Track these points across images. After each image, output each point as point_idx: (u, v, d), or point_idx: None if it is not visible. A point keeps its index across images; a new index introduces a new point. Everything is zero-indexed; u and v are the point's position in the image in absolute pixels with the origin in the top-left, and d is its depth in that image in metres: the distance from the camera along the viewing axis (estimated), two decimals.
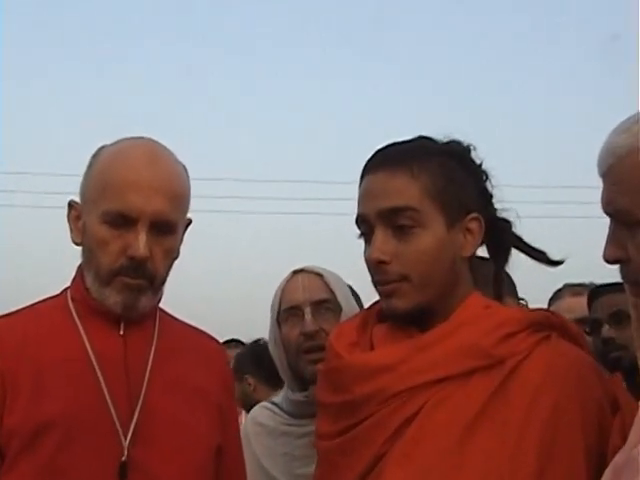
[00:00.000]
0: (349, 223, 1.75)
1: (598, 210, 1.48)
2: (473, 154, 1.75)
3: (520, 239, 1.78)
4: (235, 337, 4.89)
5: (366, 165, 1.71)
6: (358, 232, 1.71)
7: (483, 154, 1.77)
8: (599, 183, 1.48)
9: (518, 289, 2.57)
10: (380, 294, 1.69)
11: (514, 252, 1.79)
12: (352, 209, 1.73)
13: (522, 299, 2.60)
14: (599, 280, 2.93)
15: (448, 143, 1.74)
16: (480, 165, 1.75)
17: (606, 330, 2.72)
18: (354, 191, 1.73)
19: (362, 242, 1.72)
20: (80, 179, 1.82)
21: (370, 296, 1.80)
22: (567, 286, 3.40)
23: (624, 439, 1.47)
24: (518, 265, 1.82)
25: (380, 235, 1.64)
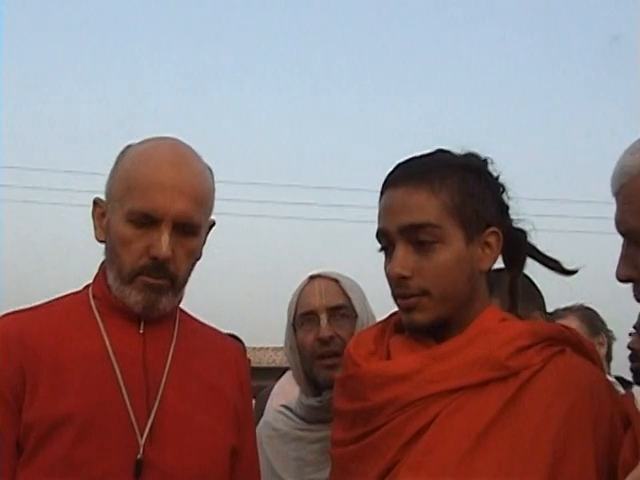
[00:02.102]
0: (367, 230, 1.76)
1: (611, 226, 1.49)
2: (490, 167, 1.76)
3: (535, 248, 1.80)
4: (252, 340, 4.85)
5: (387, 179, 1.73)
6: (379, 245, 1.72)
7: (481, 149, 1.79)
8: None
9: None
10: (400, 308, 1.71)
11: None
12: (370, 217, 1.74)
13: (550, 314, 2.59)
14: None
15: (466, 156, 1.75)
16: (497, 178, 1.76)
17: (633, 341, 2.72)
18: (372, 199, 1.74)
19: (378, 246, 1.73)
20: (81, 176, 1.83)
21: (387, 303, 1.81)
22: (559, 311, 3.45)
23: (635, 454, 1.47)
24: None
25: (401, 250, 1.66)
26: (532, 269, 1.84)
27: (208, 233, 1.86)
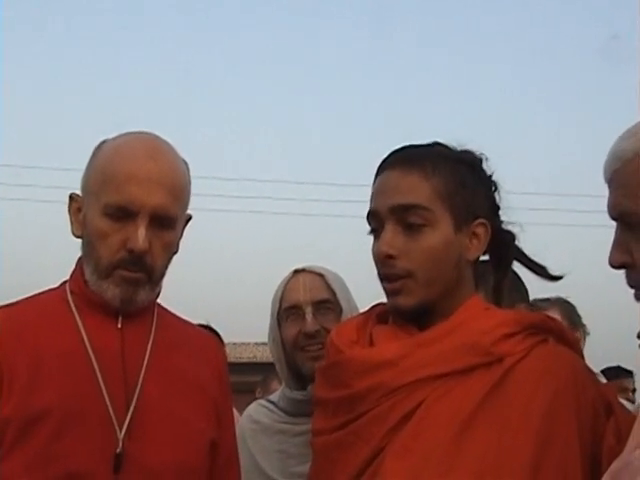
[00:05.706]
0: (350, 225, 1.76)
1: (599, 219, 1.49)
2: (485, 164, 1.78)
3: (522, 252, 1.82)
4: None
5: (381, 163, 1.74)
6: (368, 228, 1.73)
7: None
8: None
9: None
10: (386, 291, 1.71)
11: None
12: (354, 211, 1.74)
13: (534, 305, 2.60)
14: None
15: (462, 151, 1.77)
16: (490, 176, 1.78)
17: None
18: (357, 193, 1.74)
19: (365, 244, 1.74)
20: (78, 174, 1.82)
21: (372, 298, 1.81)
22: (537, 301, 3.45)
23: (618, 440, 1.48)
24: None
25: (390, 230, 1.67)
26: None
27: (185, 227, 1.86)
